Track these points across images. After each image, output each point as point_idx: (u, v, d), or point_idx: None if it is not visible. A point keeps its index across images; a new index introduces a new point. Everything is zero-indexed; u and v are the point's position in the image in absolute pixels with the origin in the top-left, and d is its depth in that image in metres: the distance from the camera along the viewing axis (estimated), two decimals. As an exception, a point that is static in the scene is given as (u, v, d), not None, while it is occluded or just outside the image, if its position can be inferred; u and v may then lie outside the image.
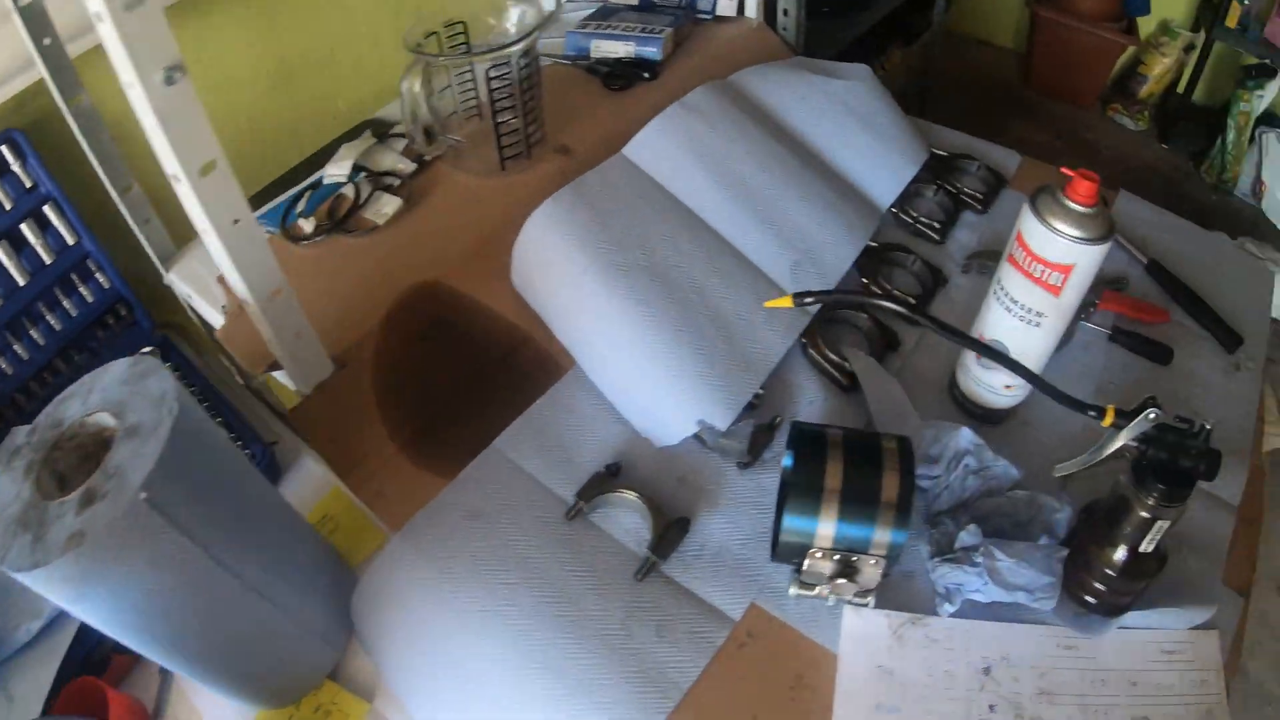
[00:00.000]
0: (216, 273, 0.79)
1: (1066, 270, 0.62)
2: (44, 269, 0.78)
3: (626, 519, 0.67)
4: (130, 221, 0.79)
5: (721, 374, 0.70)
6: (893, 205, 0.92)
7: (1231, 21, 2.04)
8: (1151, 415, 0.55)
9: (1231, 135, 2.17)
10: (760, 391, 0.72)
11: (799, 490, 0.58)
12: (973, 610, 0.62)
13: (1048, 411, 0.75)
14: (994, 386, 0.72)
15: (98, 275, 0.82)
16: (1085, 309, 0.84)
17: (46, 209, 0.78)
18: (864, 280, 0.84)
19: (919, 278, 0.87)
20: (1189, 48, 2.33)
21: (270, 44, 0.92)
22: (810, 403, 0.74)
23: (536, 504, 0.67)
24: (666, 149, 0.80)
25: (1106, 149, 2.39)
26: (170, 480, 0.46)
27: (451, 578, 0.63)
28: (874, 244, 0.87)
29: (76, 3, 0.49)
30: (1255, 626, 1.38)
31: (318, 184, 0.83)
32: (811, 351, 0.77)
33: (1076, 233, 0.61)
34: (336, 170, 0.82)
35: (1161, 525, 0.56)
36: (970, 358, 0.73)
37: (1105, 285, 0.87)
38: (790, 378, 0.76)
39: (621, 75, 0.98)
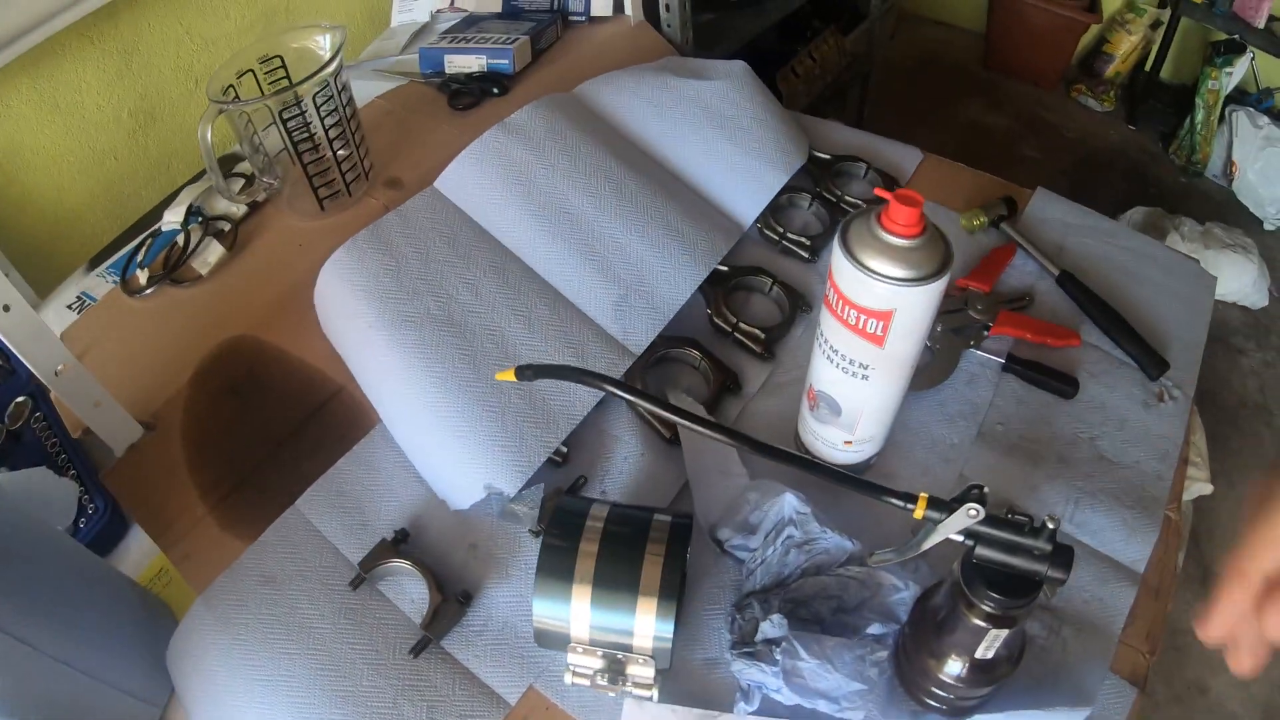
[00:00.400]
0: (61, 330, 0.81)
1: (886, 316, 0.52)
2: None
3: (414, 589, 0.65)
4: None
5: (513, 434, 0.67)
6: (758, 220, 0.85)
7: (1198, -3, 1.84)
8: (972, 511, 0.45)
9: (1200, 115, 2.04)
10: (564, 449, 0.69)
11: (548, 571, 0.54)
12: (780, 708, 0.55)
13: (915, 461, 0.69)
14: (832, 441, 0.64)
15: (-32, 327, 0.85)
16: (973, 334, 0.76)
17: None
18: (708, 311, 0.78)
19: (778, 304, 0.81)
20: (1155, 24, 2.19)
21: (129, 82, 0.90)
22: (625, 459, 0.70)
23: (327, 570, 0.66)
24: (480, 179, 0.75)
25: (1070, 131, 2.25)
26: None
27: (242, 645, 0.63)
28: (724, 268, 0.80)
29: None
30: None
31: (159, 231, 0.84)
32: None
33: (895, 272, 0.50)
34: (173, 216, 0.81)
35: (999, 635, 0.47)
36: (805, 406, 0.65)
37: (1003, 305, 0.78)
38: (607, 428, 0.72)
39: (469, 93, 0.93)
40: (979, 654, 0.49)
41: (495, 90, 0.92)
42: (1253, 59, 2.01)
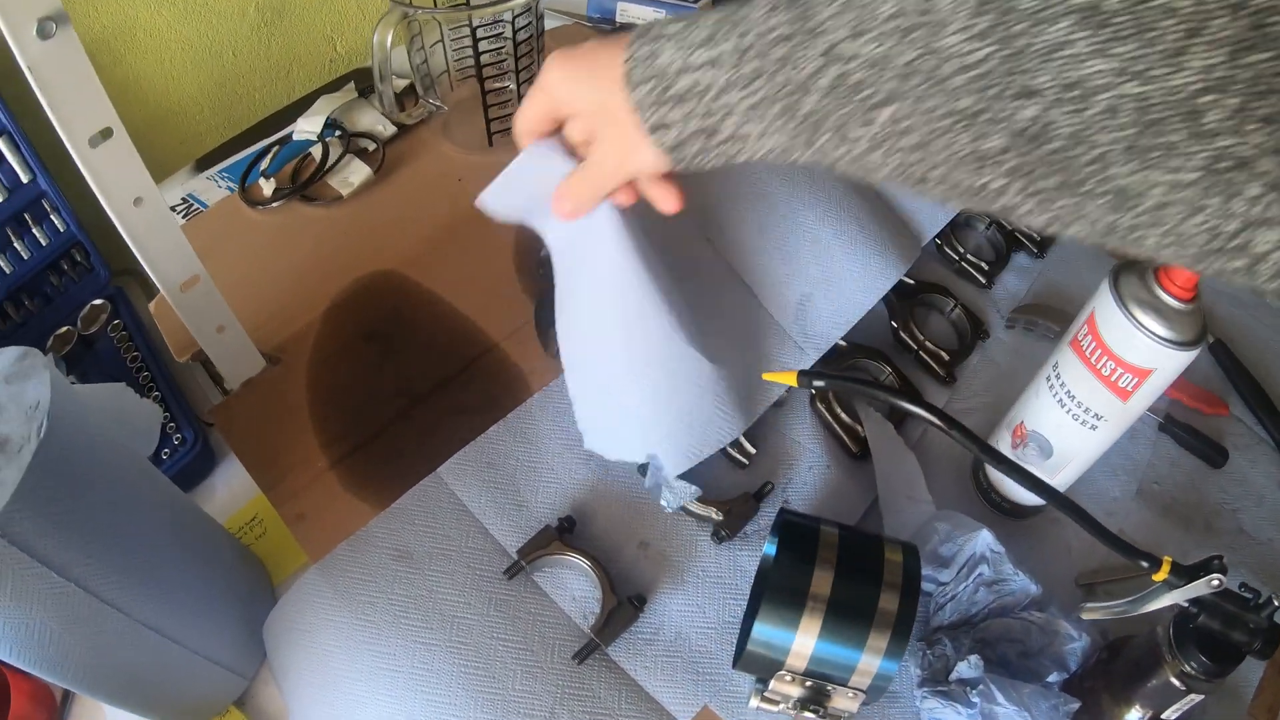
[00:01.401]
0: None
1: (1144, 375, 0.52)
2: (-13, 209, 0.72)
3: (576, 585, 0.58)
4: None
5: (705, 416, 0.60)
6: (937, 235, 0.79)
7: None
8: (1215, 582, 0.45)
9: None
10: (751, 450, 0.62)
11: (778, 594, 0.48)
12: (959, 751, 0.52)
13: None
14: None
15: (53, 216, 0.74)
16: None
17: None
18: (893, 324, 0.73)
19: (957, 328, 0.76)
20: None
21: (260, -29, 0.82)
22: (810, 468, 0.64)
23: (475, 552, 0.59)
24: None
25: None
26: (35, 510, 0.40)
27: (367, 625, 0.56)
28: (910, 280, 0.75)
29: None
30: None
31: (287, 139, 0.74)
32: (820, 406, 0.66)
33: (1166, 333, 0.50)
34: (308, 126, 0.73)
35: (1194, 699, 0.49)
36: (1004, 441, 0.63)
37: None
38: (790, 434, 0.66)
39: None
40: (1166, 715, 0.51)
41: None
42: None
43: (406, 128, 0.75)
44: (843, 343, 0.69)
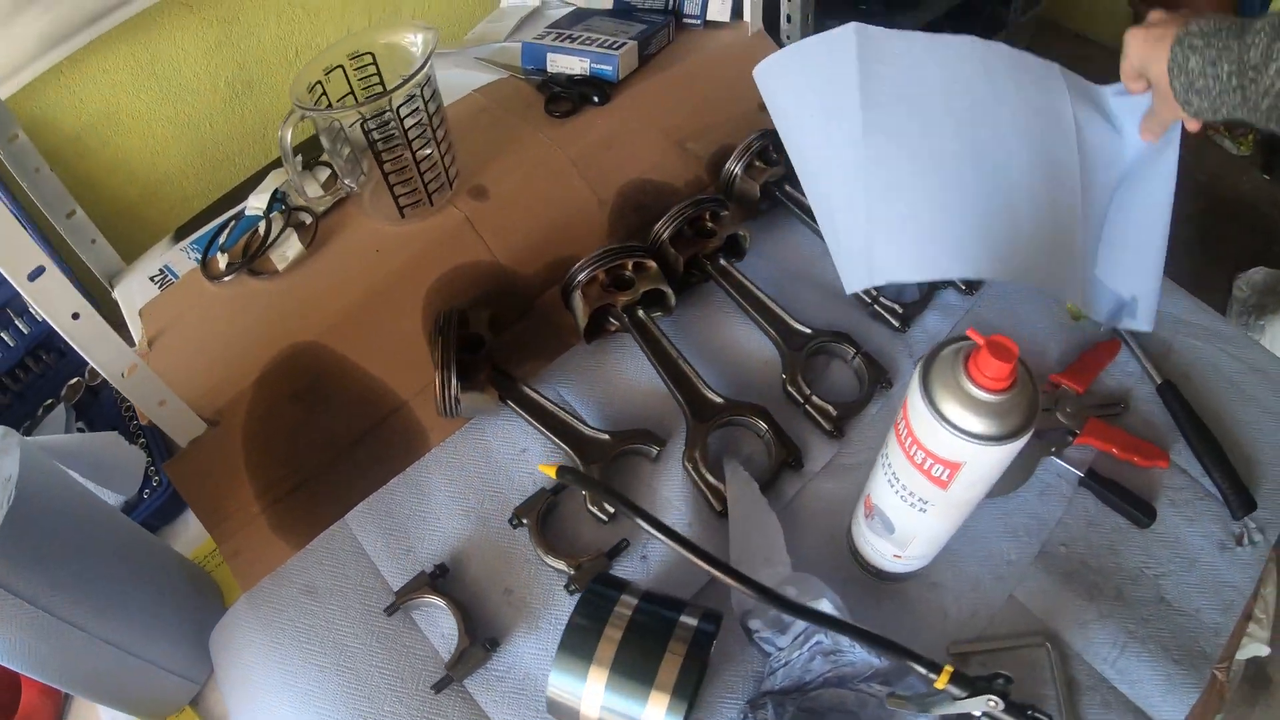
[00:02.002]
0: (141, 304, 0.85)
1: (955, 467, 0.50)
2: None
3: (446, 623, 0.68)
4: (73, 245, 0.87)
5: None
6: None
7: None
8: (991, 703, 0.46)
9: None
10: (609, 510, 0.70)
11: (568, 651, 0.57)
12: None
13: (966, 574, 0.67)
14: (881, 551, 0.64)
15: (59, 284, 0.91)
16: (1056, 441, 0.73)
17: (11, 223, 0.87)
18: (783, 376, 0.77)
19: (858, 376, 0.79)
20: None
21: (228, 51, 0.93)
22: (673, 525, 0.70)
23: (367, 590, 0.70)
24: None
25: (1200, 174, 2.10)
26: (8, 557, 0.55)
27: (278, 647, 0.68)
28: (807, 329, 0.79)
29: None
30: None
31: (242, 214, 0.86)
32: (687, 465, 0.72)
33: (973, 427, 0.47)
34: (256, 202, 0.84)
35: None
36: (860, 509, 0.64)
37: (1094, 410, 0.75)
38: (662, 491, 0.72)
39: (567, 98, 0.91)
40: None
41: (595, 99, 0.91)
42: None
43: (339, 200, 0.85)
44: (719, 399, 0.74)
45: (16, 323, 0.88)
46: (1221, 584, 0.67)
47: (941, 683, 0.47)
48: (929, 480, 0.53)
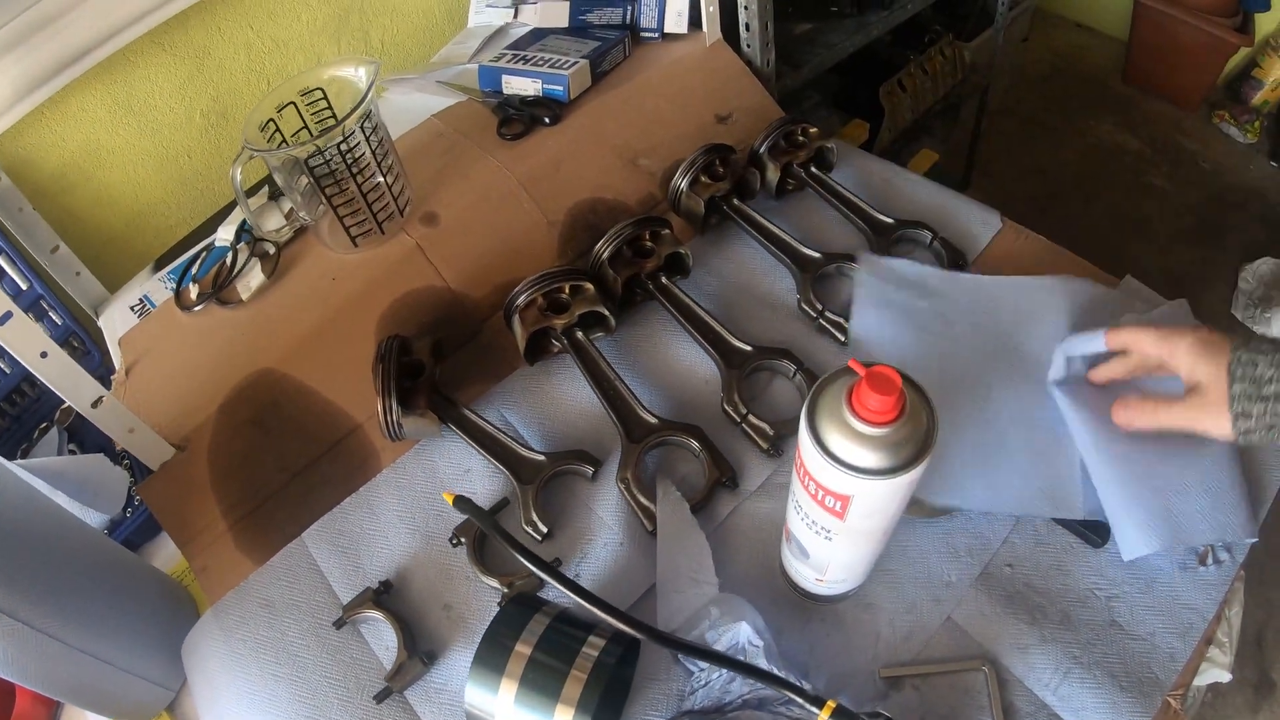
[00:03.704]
0: (122, 333, 0.94)
1: (845, 499, 0.51)
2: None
3: (390, 637, 0.75)
4: (58, 279, 0.96)
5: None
6: (798, 293, 0.86)
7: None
8: None
9: None
10: (543, 528, 0.76)
11: (482, 662, 0.62)
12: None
13: (903, 595, 0.69)
14: (805, 575, 0.66)
15: (51, 314, 1.00)
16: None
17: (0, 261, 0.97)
18: (720, 394, 0.82)
19: (800, 393, 0.82)
20: None
21: (200, 85, 1.01)
22: (605, 545, 0.75)
23: (319, 605, 0.77)
24: None
25: (1205, 162, 2.12)
26: None
27: (238, 658, 0.76)
28: (747, 347, 0.82)
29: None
30: None
31: (212, 245, 0.95)
32: (620, 485, 0.77)
33: (858, 461, 0.47)
34: (225, 233, 0.92)
35: None
36: (783, 533, 0.67)
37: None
38: (597, 510, 0.77)
39: (519, 120, 0.96)
40: None
41: (546, 120, 0.96)
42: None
43: (300, 230, 0.93)
44: (653, 419, 0.79)
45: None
46: (1180, 606, 0.66)
47: (823, 717, 0.50)
48: (825, 511, 0.54)
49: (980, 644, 0.66)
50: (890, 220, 0.91)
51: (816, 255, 0.88)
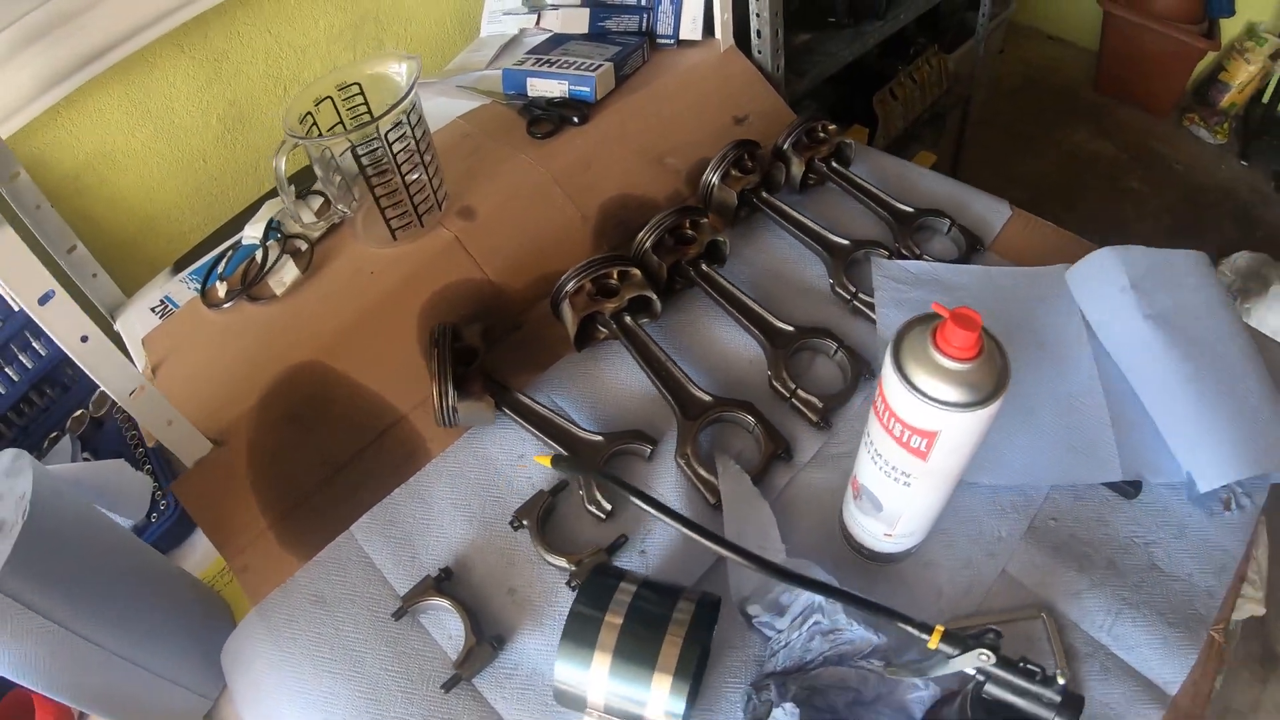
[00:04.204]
0: (143, 334, 0.90)
1: (930, 436, 0.53)
2: (13, 315, 0.93)
3: (453, 625, 0.72)
4: (75, 279, 0.92)
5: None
6: (831, 279, 0.88)
7: (1324, 27, 1.80)
8: (983, 656, 0.48)
9: None
10: (607, 506, 0.74)
11: (571, 640, 0.60)
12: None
13: (958, 552, 0.71)
14: (872, 532, 0.67)
15: (62, 319, 0.95)
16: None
17: (13, 260, 0.92)
18: (768, 373, 0.82)
19: (841, 369, 0.84)
20: (1276, 54, 2.15)
21: (218, 89, 0.99)
22: (668, 520, 0.75)
23: (374, 598, 0.74)
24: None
25: (1178, 164, 2.23)
26: (23, 572, 0.59)
27: (290, 658, 0.72)
28: (789, 327, 0.84)
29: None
30: None
31: (239, 244, 0.92)
32: (679, 461, 0.77)
33: (944, 395, 0.50)
34: (253, 231, 0.90)
35: None
36: (849, 491, 0.68)
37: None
38: (655, 486, 0.77)
39: (548, 120, 0.97)
40: None
41: (575, 119, 0.97)
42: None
43: (333, 226, 0.91)
44: (708, 396, 0.79)
45: (21, 358, 0.93)
46: (1212, 548, 0.69)
47: (933, 642, 0.50)
48: (908, 452, 0.56)
49: (1035, 593, 0.69)
50: (911, 209, 0.94)
51: (845, 242, 0.91)
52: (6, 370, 0.93)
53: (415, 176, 0.84)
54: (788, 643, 0.63)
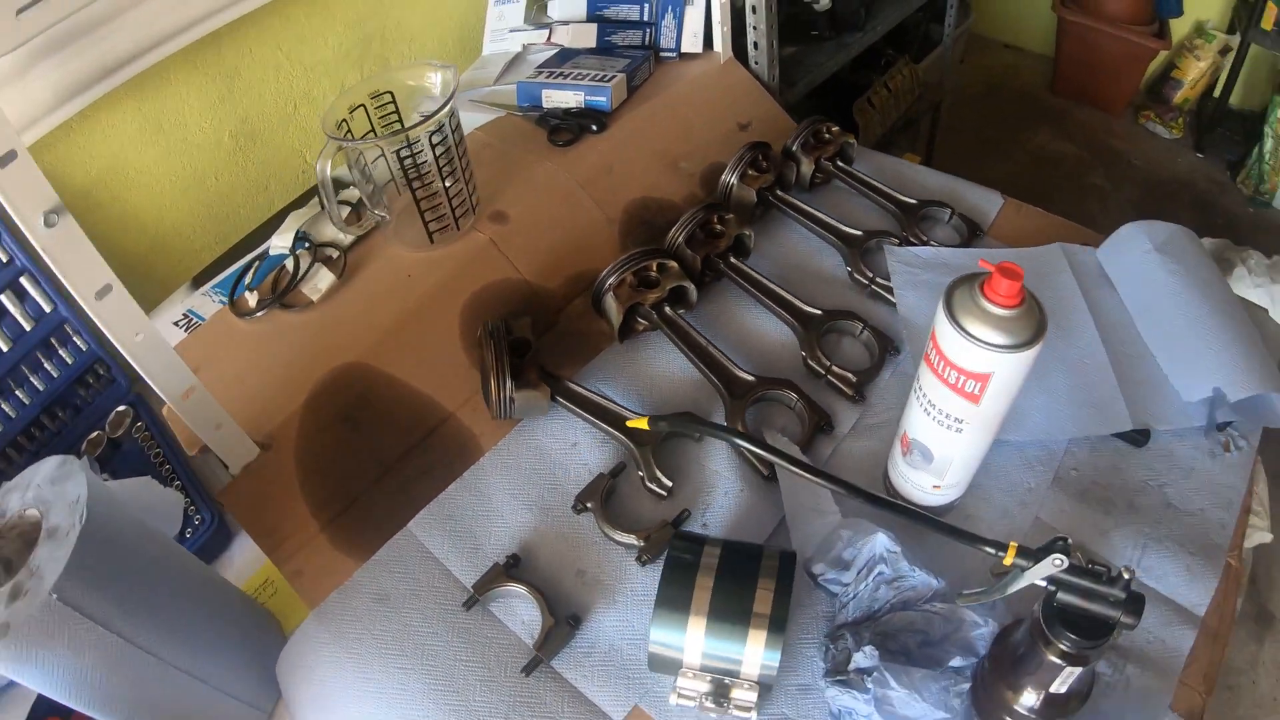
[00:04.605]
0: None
1: (984, 379, 0.58)
2: (24, 335, 0.88)
3: (525, 611, 0.71)
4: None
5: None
6: (848, 265, 0.92)
7: (1268, 24, 1.95)
8: (1057, 561, 0.51)
9: (1270, 143, 2.08)
10: (668, 483, 0.75)
11: (666, 602, 0.61)
12: (867, 735, 0.61)
13: (994, 504, 0.75)
14: (921, 485, 0.71)
15: (75, 339, 0.91)
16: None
17: (23, 280, 0.88)
18: (802, 354, 0.85)
19: (868, 349, 0.87)
20: (1225, 50, 2.26)
21: (230, 106, 0.98)
22: (726, 494, 0.76)
23: (440, 591, 0.73)
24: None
25: (1137, 159, 2.34)
26: (81, 579, 0.55)
27: (356, 659, 0.70)
28: (817, 311, 0.87)
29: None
30: (1271, 681, 1.32)
31: (265, 254, 0.90)
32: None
33: (995, 339, 0.56)
34: (281, 242, 0.88)
35: (1073, 671, 0.53)
36: (897, 450, 0.72)
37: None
38: (709, 465, 0.78)
39: (568, 129, 1.00)
40: (1054, 689, 0.55)
41: (594, 127, 0.99)
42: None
43: (363, 234, 0.90)
44: (751, 376, 0.81)
45: (32, 379, 0.88)
46: (1218, 485, 0.75)
47: (1010, 558, 0.52)
48: (962, 398, 0.61)
49: (1066, 535, 0.71)
50: (914, 201, 0.99)
51: (859, 233, 0.95)
52: (17, 393, 0.88)
53: (453, 181, 0.84)
54: (856, 594, 0.66)
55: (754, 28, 1.06)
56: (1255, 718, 1.32)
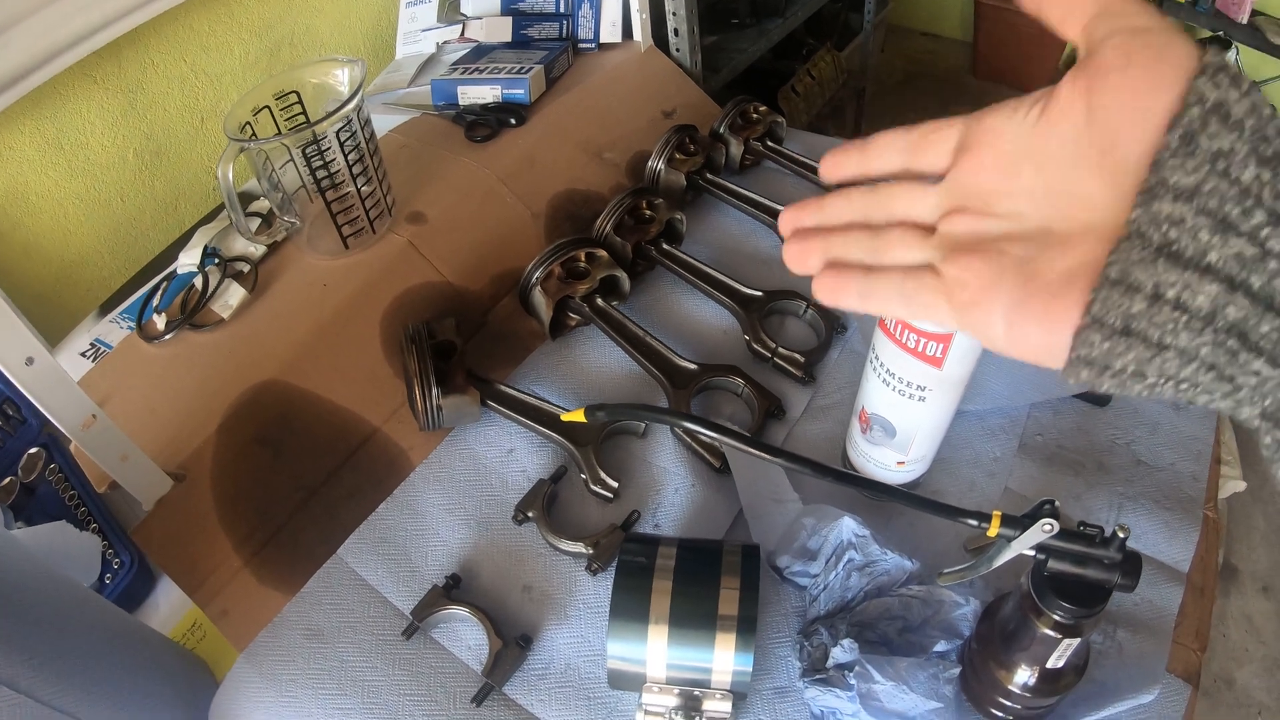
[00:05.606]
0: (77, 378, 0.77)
1: (945, 340, 0.52)
2: (-83, 381, 0.78)
3: (470, 635, 0.63)
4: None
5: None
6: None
7: (1178, -8, 1.93)
8: (1047, 527, 0.44)
9: None
10: (614, 484, 0.67)
11: (621, 613, 0.53)
12: (854, 734, 0.54)
13: (961, 477, 0.68)
14: (884, 462, 0.64)
15: (-25, 379, 0.81)
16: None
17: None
18: (745, 338, 0.77)
19: (813, 328, 0.80)
20: None
21: (133, 121, 0.87)
22: (676, 490, 0.68)
23: (377, 620, 0.64)
24: None
25: None
26: None
27: (292, 701, 0.61)
28: (758, 292, 0.79)
29: None
30: (1241, 632, 1.29)
31: (174, 274, 0.80)
32: (678, 431, 0.71)
33: None
34: (188, 259, 0.78)
35: (1070, 644, 0.47)
36: (855, 429, 0.65)
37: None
38: (656, 462, 0.70)
39: (485, 124, 0.91)
40: (1050, 664, 0.49)
41: (512, 121, 0.90)
42: (1237, 55, 2.04)
43: (275, 245, 0.80)
44: (694, 365, 0.73)
45: (-72, 428, 0.78)
46: (1186, 437, 0.70)
47: (994, 529, 0.45)
48: (924, 362, 0.54)
49: (1054, 499, 0.66)
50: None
51: (793, 211, 0.87)
52: (-87, 444, 0.77)
53: (366, 182, 0.75)
54: (826, 585, 0.59)
55: (674, 14, 0.98)
56: (1229, 670, 1.29)
